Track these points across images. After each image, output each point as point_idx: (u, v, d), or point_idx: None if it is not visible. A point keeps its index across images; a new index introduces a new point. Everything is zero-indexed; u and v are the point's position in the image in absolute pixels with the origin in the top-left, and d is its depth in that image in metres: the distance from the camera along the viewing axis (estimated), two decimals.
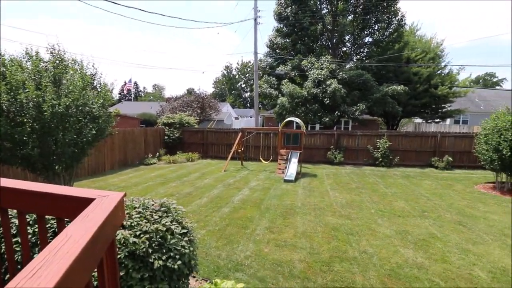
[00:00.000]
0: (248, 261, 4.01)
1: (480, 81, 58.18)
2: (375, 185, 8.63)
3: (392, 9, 16.20)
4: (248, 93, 62.78)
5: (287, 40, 17.57)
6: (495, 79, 58.59)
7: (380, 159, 11.73)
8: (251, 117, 38.49)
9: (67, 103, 5.40)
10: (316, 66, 14.63)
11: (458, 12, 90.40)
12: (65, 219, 1.14)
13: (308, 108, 14.14)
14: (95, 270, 0.91)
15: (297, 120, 10.51)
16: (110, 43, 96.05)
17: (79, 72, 6.07)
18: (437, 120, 17.59)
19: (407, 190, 7.96)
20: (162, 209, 2.60)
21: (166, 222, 2.42)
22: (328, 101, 13.43)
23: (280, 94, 15.48)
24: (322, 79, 13.82)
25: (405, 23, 16.99)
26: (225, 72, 65.56)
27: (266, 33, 23.57)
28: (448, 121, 23.22)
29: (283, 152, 10.54)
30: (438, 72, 17.42)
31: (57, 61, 5.86)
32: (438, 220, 5.67)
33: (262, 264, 3.94)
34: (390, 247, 4.46)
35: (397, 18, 16.60)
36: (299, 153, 10.22)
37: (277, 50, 17.80)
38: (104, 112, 6.37)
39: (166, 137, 13.75)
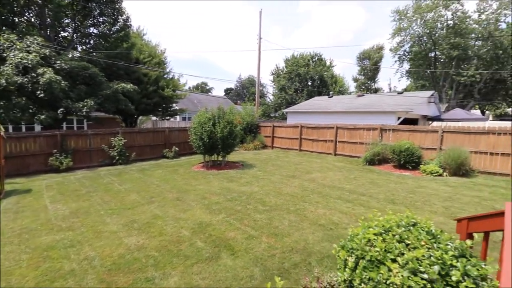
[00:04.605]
0: None
1: (199, 87, 76.19)
2: (110, 184, 8.33)
3: (117, 6, 16.13)
4: None
5: None
6: (207, 87, 79.43)
7: (117, 157, 11.55)
8: None
9: None
10: (19, 47, 11.06)
11: (180, 29, 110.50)
12: None
13: (10, 103, 10.45)
14: None
15: None
16: None
17: None
18: (168, 117, 20.57)
19: (140, 183, 8.51)
20: None
21: None
22: (43, 95, 10.75)
23: None
24: (31, 65, 10.76)
25: (131, 24, 17.66)
26: None
27: None
28: (178, 118, 28.05)
29: None
30: (165, 76, 20.18)
31: None
32: (163, 201, 6.61)
33: None
34: (115, 242, 4.48)
35: (123, 17, 16.82)
36: None
37: None
38: None
39: None
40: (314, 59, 34.89)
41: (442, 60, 31.97)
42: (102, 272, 3.62)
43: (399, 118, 14.23)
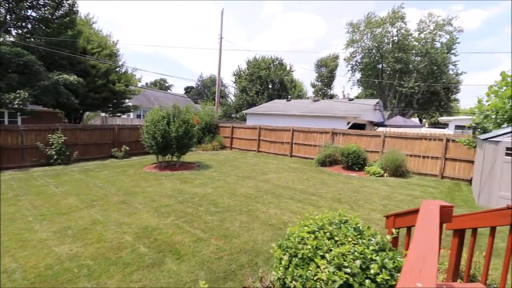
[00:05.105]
0: None
1: (157, 84, 72.71)
2: (43, 187, 7.42)
3: None
4: None
5: None
6: (167, 84, 76.15)
7: (56, 157, 10.35)
8: None
9: None
10: None
11: (136, 22, 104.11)
12: None
13: None
14: None
15: None
16: None
17: None
18: (119, 114, 19.13)
19: (81, 185, 7.74)
20: None
21: None
22: None
23: None
24: None
25: (78, 10, 16.07)
26: None
27: None
28: (131, 115, 26.34)
29: None
30: (117, 69, 18.75)
31: None
32: (105, 205, 6.10)
33: None
34: (43, 251, 3.99)
35: (68, 2, 15.24)
36: None
37: None
38: None
39: None
40: (274, 63, 35.77)
41: (388, 72, 35.34)
42: (24, 286, 3.18)
43: (349, 123, 15.30)
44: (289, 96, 26.56)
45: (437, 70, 32.48)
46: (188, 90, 67.90)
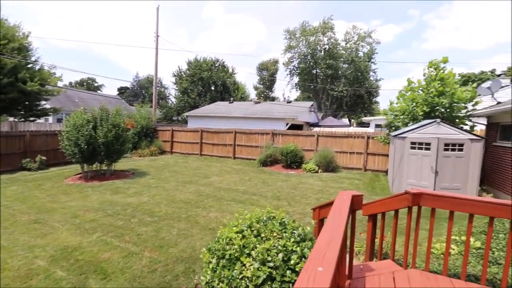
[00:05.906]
0: None
1: (84, 83, 64.75)
2: None
3: None
4: None
5: None
6: (96, 84, 68.31)
7: None
8: None
9: None
10: None
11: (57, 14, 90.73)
12: None
13: None
14: None
15: None
16: None
17: None
18: (34, 118, 16.33)
19: None
20: None
21: None
22: None
23: None
24: None
25: None
26: None
27: None
28: (50, 119, 22.80)
29: None
30: (30, 66, 16.01)
31: None
32: (11, 227, 5.12)
33: None
34: None
35: None
36: None
37: None
38: None
39: None
40: (216, 65, 35.56)
41: (321, 77, 38.63)
42: None
43: (287, 124, 16.19)
44: (231, 98, 26.72)
45: (361, 76, 36.95)
46: (122, 91, 62.14)
